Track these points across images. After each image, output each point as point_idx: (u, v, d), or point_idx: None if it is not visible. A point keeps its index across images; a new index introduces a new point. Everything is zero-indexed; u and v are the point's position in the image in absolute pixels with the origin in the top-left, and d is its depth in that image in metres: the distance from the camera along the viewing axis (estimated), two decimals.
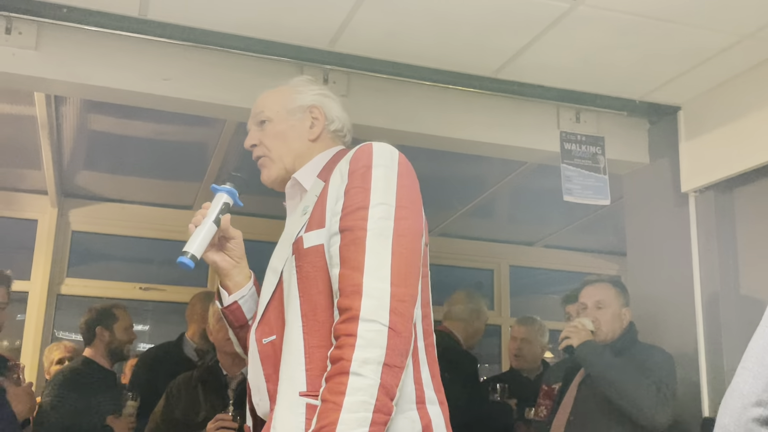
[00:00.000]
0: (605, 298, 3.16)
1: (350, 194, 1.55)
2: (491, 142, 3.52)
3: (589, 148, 3.58)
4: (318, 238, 1.58)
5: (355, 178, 1.57)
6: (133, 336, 3.90)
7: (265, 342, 1.64)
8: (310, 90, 1.92)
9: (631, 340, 3.13)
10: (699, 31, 2.95)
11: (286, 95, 1.91)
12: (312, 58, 3.19)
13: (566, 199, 3.49)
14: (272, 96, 1.92)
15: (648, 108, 3.61)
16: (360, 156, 1.61)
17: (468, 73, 3.34)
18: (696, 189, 3.49)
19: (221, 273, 1.83)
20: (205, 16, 2.95)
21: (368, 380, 1.39)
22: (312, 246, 1.58)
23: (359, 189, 1.55)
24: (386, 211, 1.53)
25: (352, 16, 2.90)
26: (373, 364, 1.40)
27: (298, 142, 1.85)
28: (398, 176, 1.59)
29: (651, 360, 3.01)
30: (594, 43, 3.05)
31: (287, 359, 1.56)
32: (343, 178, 1.59)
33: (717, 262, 3.38)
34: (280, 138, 1.85)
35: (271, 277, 1.67)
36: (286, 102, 1.89)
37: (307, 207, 1.67)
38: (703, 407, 3.31)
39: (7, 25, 2.89)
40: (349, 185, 1.57)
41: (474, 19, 2.90)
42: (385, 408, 1.40)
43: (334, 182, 1.62)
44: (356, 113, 3.31)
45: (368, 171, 1.57)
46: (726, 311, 3.32)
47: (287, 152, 1.84)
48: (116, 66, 3.03)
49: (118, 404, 3.56)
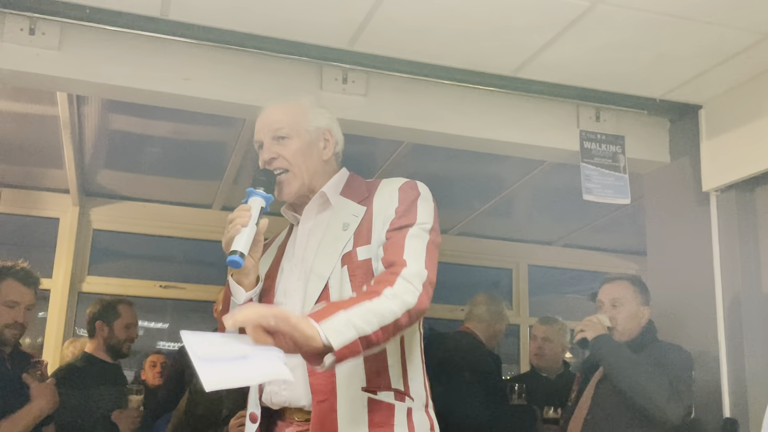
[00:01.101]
0: (622, 296, 3.15)
1: (399, 214, 1.90)
2: (511, 141, 3.52)
3: (609, 147, 3.57)
4: (368, 252, 1.87)
5: (405, 203, 1.92)
6: (134, 334, 3.85)
7: None
8: (322, 113, 2.11)
9: (649, 339, 3.12)
10: (720, 29, 2.93)
11: (302, 115, 2.07)
12: (331, 58, 3.20)
13: (586, 198, 3.48)
14: (288, 113, 2.06)
15: (669, 107, 3.59)
16: (407, 189, 1.96)
17: (488, 72, 3.34)
18: (717, 188, 3.47)
19: (243, 271, 1.92)
20: (226, 17, 2.97)
21: (387, 309, 1.67)
22: (363, 259, 1.87)
23: (408, 211, 1.90)
24: (424, 227, 1.89)
25: (371, 15, 2.90)
26: (395, 310, 1.68)
27: (314, 160, 2.04)
28: (434, 208, 1.96)
29: (667, 357, 3.01)
30: (614, 41, 3.04)
31: None
32: (392, 203, 1.92)
33: (738, 261, 3.35)
34: (300, 155, 2.01)
35: (316, 282, 1.87)
36: (304, 121, 2.05)
37: (347, 224, 1.93)
38: (724, 407, 3.28)
39: (30, 25, 2.93)
40: (399, 208, 1.91)
41: (493, 18, 2.90)
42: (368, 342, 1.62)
43: (380, 208, 1.93)
44: (376, 112, 3.34)
45: (415, 200, 1.93)
46: (748, 311, 3.29)
47: (306, 169, 2.01)
48: (137, 66, 3.06)
49: (124, 399, 3.54)
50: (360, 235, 1.89)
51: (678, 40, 3.02)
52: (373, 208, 1.94)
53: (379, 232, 1.89)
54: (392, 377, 1.85)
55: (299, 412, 1.87)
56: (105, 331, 3.73)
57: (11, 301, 3.09)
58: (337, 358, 1.56)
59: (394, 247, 1.82)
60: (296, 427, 1.88)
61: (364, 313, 1.63)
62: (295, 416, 1.89)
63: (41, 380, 3.13)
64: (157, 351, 5.01)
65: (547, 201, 5.13)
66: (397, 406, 1.83)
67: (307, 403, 1.83)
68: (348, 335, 1.58)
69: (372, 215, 1.93)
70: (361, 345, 1.60)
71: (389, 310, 1.67)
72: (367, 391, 1.80)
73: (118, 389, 3.63)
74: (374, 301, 1.67)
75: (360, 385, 1.79)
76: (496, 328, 4.20)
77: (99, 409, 3.51)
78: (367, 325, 1.62)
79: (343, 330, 1.57)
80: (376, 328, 1.63)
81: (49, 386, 3.14)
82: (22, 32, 2.92)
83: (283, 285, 1.98)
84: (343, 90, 3.26)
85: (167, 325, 5.99)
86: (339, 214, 1.97)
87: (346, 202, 2.00)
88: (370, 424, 1.78)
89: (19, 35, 2.92)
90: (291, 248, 2.03)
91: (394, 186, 1.98)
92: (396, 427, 1.81)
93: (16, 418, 3.00)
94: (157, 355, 4.92)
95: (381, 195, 1.97)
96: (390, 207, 1.92)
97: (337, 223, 1.95)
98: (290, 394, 1.86)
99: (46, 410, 3.10)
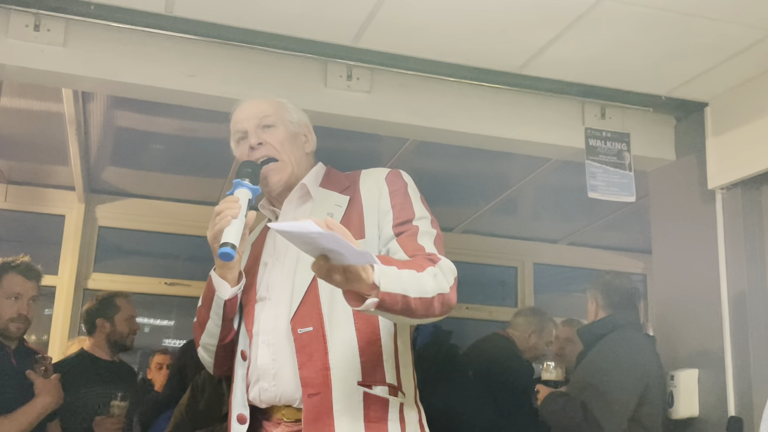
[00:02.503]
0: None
1: (395, 210, 1.90)
2: (515, 138, 3.51)
3: (615, 144, 3.56)
4: (364, 246, 1.83)
5: (397, 197, 1.92)
6: (136, 327, 3.85)
7: (300, 332, 1.82)
8: (300, 111, 2.14)
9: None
10: (726, 26, 2.92)
11: (284, 108, 2.10)
12: (336, 55, 3.19)
13: (591, 195, 3.47)
14: (272, 104, 2.09)
15: (674, 104, 3.58)
16: (393, 179, 1.96)
17: (492, 69, 3.33)
18: (723, 186, 3.45)
19: (229, 265, 1.90)
20: (230, 13, 2.97)
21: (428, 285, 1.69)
22: None
23: (402, 206, 1.91)
24: (427, 222, 1.91)
25: (376, 12, 2.90)
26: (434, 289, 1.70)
27: (299, 151, 2.06)
28: (420, 195, 1.98)
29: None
30: (619, 38, 3.03)
31: (339, 350, 1.79)
32: (381, 195, 1.92)
33: (744, 259, 3.34)
34: (287, 143, 2.03)
35: (303, 273, 1.84)
36: (287, 114, 2.08)
37: (331, 214, 1.89)
38: (729, 406, 3.27)
39: (35, 22, 2.93)
40: (393, 202, 1.91)
41: (498, 14, 2.89)
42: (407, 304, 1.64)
43: (369, 199, 1.92)
44: (380, 109, 3.33)
45: (406, 191, 1.95)
46: (753, 310, 3.28)
47: (294, 159, 2.03)
48: (142, 62, 3.06)
49: (123, 395, 3.51)
50: (350, 227, 1.80)
51: (684, 37, 3.01)
52: (361, 198, 1.94)
53: (373, 226, 1.90)
54: (387, 372, 1.83)
55: (289, 411, 1.84)
56: (107, 327, 3.72)
57: (15, 293, 3.12)
58: (378, 302, 1.57)
59: (407, 247, 1.83)
60: (285, 427, 1.85)
61: (412, 277, 1.67)
62: (284, 416, 1.85)
63: (46, 376, 3.15)
64: (163, 350, 4.96)
65: (553, 199, 5.12)
66: (391, 401, 1.82)
67: (299, 399, 1.80)
68: (396, 287, 1.61)
69: (361, 206, 1.93)
70: (401, 303, 1.62)
71: (430, 286, 1.70)
72: (362, 386, 1.79)
73: (116, 385, 3.59)
74: (420, 273, 1.70)
75: (356, 379, 1.79)
76: (532, 341, 4.36)
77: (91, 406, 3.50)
78: (411, 288, 1.64)
79: (393, 280, 1.61)
80: (417, 296, 1.66)
81: (54, 382, 3.15)
82: (27, 29, 2.93)
83: (266, 279, 1.95)
84: (348, 87, 3.26)
85: (173, 323, 5.99)
86: (321, 205, 1.96)
87: (327, 193, 2.00)
88: (366, 420, 1.77)
89: (24, 31, 2.93)
90: (271, 243, 2.00)
91: (379, 176, 1.98)
92: (390, 422, 1.80)
93: (21, 413, 3.01)
94: (164, 355, 4.84)
95: (366, 185, 1.97)
96: (382, 200, 1.92)
97: (320, 214, 1.90)
98: (280, 389, 1.83)
99: (51, 406, 3.11)
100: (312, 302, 1.83)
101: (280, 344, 1.85)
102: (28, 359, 3.18)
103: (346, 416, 1.75)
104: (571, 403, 3.16)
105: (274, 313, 1.89)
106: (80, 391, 3.50)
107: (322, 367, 1.78)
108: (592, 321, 3.43)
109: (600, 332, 3.34)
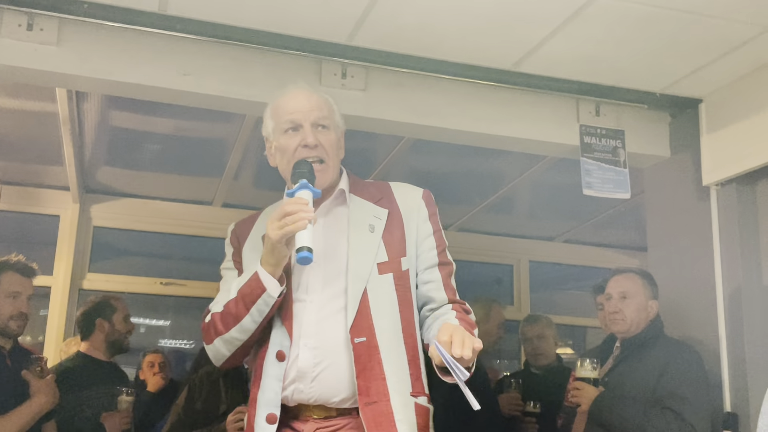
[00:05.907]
0: (631, 289, 3.16)
1: (437, 236, 2.06)
2: (510, 135, 3.51)
3: (609, 141, 3.56)
4: (408, 263, 1.99)
5: (435, 222, 2.07)
6: (132, 326, 3.88)
7: (357, 342, 1.89)
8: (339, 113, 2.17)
9: (655, 334, 3.12)
10: (720, 23, 2.92)
11: (334, 110, 2.11)
12: (330, 53, 3.19)
13: (586, 192, 3.47)
14: (327, 104, 2.08)
15: (669, 101, 3.58)
16: (430, 201, 2.10)
17: (487, 67, 3.33)
18: (718, 182, 3.46)
19: (281, 265, 1.89)
20: (225, 12, 2.96)
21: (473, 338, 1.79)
22: (406, 270, 1.99)
23: (439, 233, 2.08)
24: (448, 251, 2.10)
25: (370, 10, 2.90)
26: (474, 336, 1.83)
27: (339, 157, 2.09)
28: None
29: (675, 360, 2.99)
30: (614, 35, 3.03)
31: (392, 361, 1.91)
32: (420, 216, 2.05)
33: (739, 255, 3.34)
34: (335, 148, 2.05)
35: (356, 282, 1.92)
36: (336, 117, 2.11)
37: (372, 226, 1.99)
38: (725, 402, 3.28)
39: (28, 21, 2.92)
40: (434, 228, 2.06)
41: (493, 12, 2.89)
42: None
43: (409, 217, 2.04)
44: (375, 107, 3.33)
45: (438, 216, 2.09)
46: (748, 305, 3.28)
47: (336, 163, 2.06)
48: (137, 61, 3.05)
49: (130, 390, 3.53)
50: (391, 243, 1.99)
51: (678, 34, 3.01)
52: (401, 215, 2.04)
53: (412, 245, 2.01)
54: (424, 382, 1.97)
55: (319, 410, 1.89)
56: (106, 327, 3.74)
57: (13, 292, 3.13)
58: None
59: (450, 291, 2.05)
60: (314, 423, 1.89)
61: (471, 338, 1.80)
62: (313, 414, 1.89)
63: (41, 376, 3.14)
64: (155, 350, 4.92)
65: (548, 197, 5.12)
66: (430, 410, 1.97)
67: (339, 401, 1.87)
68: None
69: (402, 224, 2.03)
70: None
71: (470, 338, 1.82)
72: (413, 396, 1.92)
73: (114, 387, 3.59)
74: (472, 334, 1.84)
75: (408, 390, 1.91)
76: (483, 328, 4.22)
77: (90, 408, 3.50)
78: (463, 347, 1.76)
79: None
80: None
81: (49, 382, 3.14)
82: (20, 28, 2.91)
83: (305, 281, 1.95)
84: (342, 85, 3.26)
85: (168, 323, 5.99)
86: (359, 215, 2.01)
87: (361, 202, 2.05)
88: (418, 428, 1.90)
89: (17, 31, 2.91)
90: None
91: (416, 194, 2.09)
92: (430, 429, 1.96)
93: (16, 414, 3.00)
94: (155, 354, 4.77)
95: (405, 202, 2.06)
96: (422, 221, 2.05)
97: (360, 223, 1.99)
98: (317, 391, 1.88)
99: (47, 407, 3.10)
100: (364, 313, 1.91)
101: (324, 349, 1.90)
102: (23, 360, 3.18)
103: (404, 425, 1.86)
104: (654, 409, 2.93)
105: (317, 317, 1.92)
106: (82, 392, 3.50)
107: (379, 377, 1.87)
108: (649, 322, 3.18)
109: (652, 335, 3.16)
